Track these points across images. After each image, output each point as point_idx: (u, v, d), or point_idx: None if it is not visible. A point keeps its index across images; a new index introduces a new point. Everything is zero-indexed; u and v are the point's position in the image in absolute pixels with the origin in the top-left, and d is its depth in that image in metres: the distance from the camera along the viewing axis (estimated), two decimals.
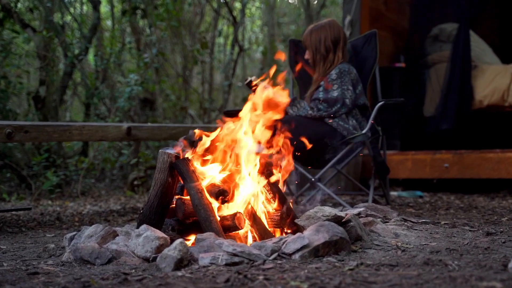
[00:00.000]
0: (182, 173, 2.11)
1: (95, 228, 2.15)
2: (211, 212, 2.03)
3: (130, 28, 6.39)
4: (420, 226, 2.41)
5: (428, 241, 2.09)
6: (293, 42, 3.81)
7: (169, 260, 1.73)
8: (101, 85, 5.41)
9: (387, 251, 1.92)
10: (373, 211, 2.60)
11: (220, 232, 1.99)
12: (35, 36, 4.76)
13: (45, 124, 3.05)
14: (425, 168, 4.46)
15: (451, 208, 3.41)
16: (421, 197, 4.24)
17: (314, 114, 3.25)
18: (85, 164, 4.69)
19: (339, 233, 1.87)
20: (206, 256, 1.75)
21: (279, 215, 2.17)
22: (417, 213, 3.19)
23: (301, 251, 1.80)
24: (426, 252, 1.88)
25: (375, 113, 3.24)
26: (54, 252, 2.18)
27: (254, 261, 1.73)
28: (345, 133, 3.24)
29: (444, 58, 5.12)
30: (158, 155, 2.18)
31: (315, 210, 2.04)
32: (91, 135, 3.19)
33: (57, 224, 3.15)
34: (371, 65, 3.55)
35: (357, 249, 1.96)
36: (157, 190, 2.13)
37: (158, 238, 1.89)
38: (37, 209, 3.83)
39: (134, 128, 3.39)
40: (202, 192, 2.06)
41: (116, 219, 3.31)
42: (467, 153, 4.32)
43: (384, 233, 2.16)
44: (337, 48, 3.37)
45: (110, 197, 4.66)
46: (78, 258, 1.96)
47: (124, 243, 2.03)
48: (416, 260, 1.73)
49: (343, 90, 3.25)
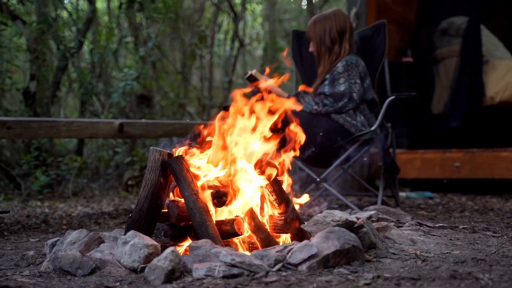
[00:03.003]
0: (176, 172, 1.89)
1: (79, 234, 1.93)
2: (207, 216, 1.82)
3: (127, 24, 6.18)
4: (438, 231, 2.20)
5: (449, 248, 1.87)
6: (296, 34, 3.59)
7: (158, 272, 1.52)
8: (94, 80, 5.19)
9: (405, 261, 1.70)
10: (385, 214, 2.38)
11: (217, 239, 1.78)
12: (25, 29, 4.54)
13: (30, 119, 2.83)
14: (434, 167, 4.25)
15: (465, 211, 3.20)
16: (430, 198, 4.02)
17: (319, 110, 3.04)
18: (77, 163, 4.46)
19: (352, 240, 1.66)
20: (200, 266, 1.55)
21: (283, 220, 1.95)
22: (430, 216, 2.98)
23: (308, 261, 1.59)
24: (450, 262, 1.66)
25: (385, 109, 3.02)
26: (34, 260, 1.97)
27: (256, 273, 1.54)
28: (353, 130, 3.02)
29: (453, 52, 4.91)
30: (149, 152, 1.97)
31: (323, 214, 1.83)
32: (80, 132, 2.98)
33: (43, 227, 2.93)
34: (380, 58, 3.33)
35: (371, 258, 1.74)
36: (148, 191, 1.92)
37: (147, 246, 1.68)
38: (24, 210, 3.61)
39: (127, 124, 3.17)
40: (198, 193, 1.85)
41: (107, 222, 3.10)
42: (479, 151, 4.10)
43: (400, 239, 1.94)
44: (343, 39, 3.15)
45: (104, 198, 4.44)
46: (58, 268, 1.75)
47: (110, 251, 1.81)
48: (441, 272, 1.52)
49: (350, 83, 3.03)
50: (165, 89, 6.11)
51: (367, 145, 3.17)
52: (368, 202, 3.73)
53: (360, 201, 3.87)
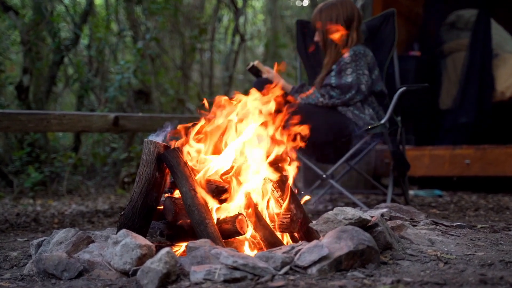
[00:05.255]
0: (172, 166, 1.74)
1: (66, 233, 1.77)
2: (206, 214, 1.66)
3: (126, 19, 6.00)
4: (456, 230, 2.04)
5: (471, 250, 1.71)
6: (300, 23, 3.42)
7: (152, 275, 1.37)
8: (91, 74, 5.01)
9: (425, 263, 1.54)
10: (398, 212, 2.22)
11: (217, 239, 1.62)
12: (18, 20, 4.37)
13: (18, 112, 2.68)
14: (443, 164, 4.08)
15: (480, 209, 3.04)
16: (440, 196, 3.86)
17: (325, 102, 2.87)
18: (71, 160, 4.29)
19: (366, 240, 1.50)
20: (199, 269, 1.40)
21: (289, 218, 1.78)
22: (443, 215, 2.82)
23: (319, 263, 1.44)
24: (475, 265, 1.50)
25: (396, 101, 2.85)
26: (17, 261, 1.81)
27: (260, 277, 1.39)
28: (361, 123, 2.85)
29: (462, 46, 4.74)
30: (144, 144, 1.80)
31: (334, 211, 1.66)
32: (73, 125, 2.82)
33: (32, 226, 2.76)
34: (389, 49, 3.17)
35: (387, 260, 1.58)
36: (142, 187, 1.76)
37: (139, 246, 1.52)
38: (15, 208, 3.45)
39: (122, 118, 3.01)
40: (196, 189, 1.69)
41: (101, 221, 2.94)
42: (491, 148, 3.94)
43: (417, 239, 1.78)
44: (350, 28, 2.99)
45: (99, 196, 4.28)
46: (42, 271, 1.59)
47: (100, 252, 1.65)
48: (467, 277, 1.36)
49: (358, 74, 2.87)
50: (164, 86, 5.94)
51: (375, 140, 3.01)
52: (375, 201, 3.57)
53: (367, 199, 3.70)
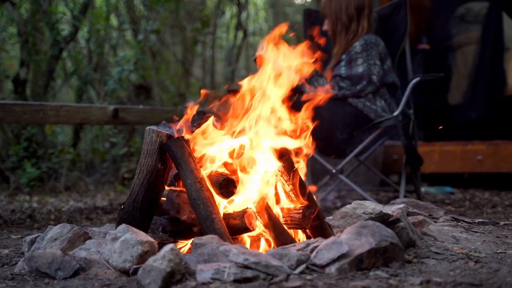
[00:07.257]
0: (176, 157, 1.60)
1: (61, 229, 1.64)
2: (213, 208, 1.53)
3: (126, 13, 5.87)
4: (479, 227, 1.91)
5: (501, 248, 1.58)
6: (308, 12, 3.29)
7: (155, 274, 1.24)
8: (89, 66, 4.87)
9: (453, 262, 1.41)
10: (415, 208, 2.09)
11: (225, 235, 1.49)
12: (15, 11, 4.24)
13: (13, 102, 2.55)
14: (454, 160, 3.95)
15: (497, 206, 2.91)
16: (451, 193, 3.72)
17: (335, 94, 2.74)
18: (69, 156, 4.16)
19: (389, 237, 1.36)
20: (206, 268, 1.27)
21: (301, 213, 1.65)
22: (459, 212, 2.69)
23: (338, 261, 1.31)
24: (509, 264, 1.37)
25: (409, 92, 2.72)
26: (9, 260, 1.68)
27: (274, 276, 1.27)
28: (373, 115, 2.72)
29: (472, 40, 4.60)
30: (145, 133, 1.67)
31: (353, 205, 1.53)
32: (70, 117, 2.69)
33: (27, 223, 2.63)
34: (400, 39, 3.04)
35: (411, 258, 1.45)
36: (143, 179, 1.63)
37: (141, 242, 1.39)
38: (10, 205, 3.31)
39: (122, 110, 2.88)
40: (202, 181, 1.56)
41: (100, 217, 2.81)
42: (504, 144, 3.81)
43: (441, 236, 1.65)
44: (361, 17, 2.86)
45: (98, 193, 4.14)
46: (34, 270, 1.46)
47: (97, 249, 1.52)
48: (504, 277, 1.23)
49: (369, 65, 2.74)
50: (165, 82, 5.81)
51: (387, 134, 2.88)
52: (386, 197, 3.43)
53: (378, 196, 3.56)
